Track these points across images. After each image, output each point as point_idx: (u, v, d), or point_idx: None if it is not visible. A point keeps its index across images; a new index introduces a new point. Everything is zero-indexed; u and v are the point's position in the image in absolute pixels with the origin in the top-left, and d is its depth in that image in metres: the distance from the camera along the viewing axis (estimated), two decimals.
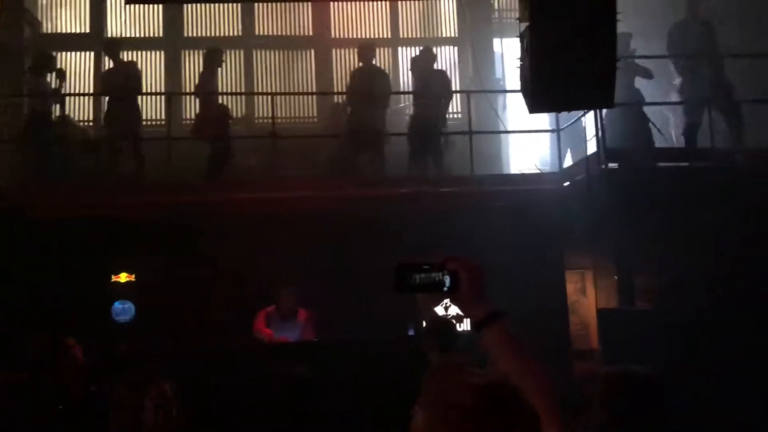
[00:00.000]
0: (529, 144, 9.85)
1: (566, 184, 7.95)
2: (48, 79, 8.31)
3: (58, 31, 9.95)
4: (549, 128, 8.53)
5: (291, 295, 6.31)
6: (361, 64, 8.59)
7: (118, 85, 8.09)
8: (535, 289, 7.24)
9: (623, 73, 6.01)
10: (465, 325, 6.92)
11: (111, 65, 8.48)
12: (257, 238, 6.97)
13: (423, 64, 8.53)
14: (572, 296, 8.15)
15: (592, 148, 7.60)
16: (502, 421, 1.43)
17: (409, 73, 9.19)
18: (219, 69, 8.55)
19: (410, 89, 9.47)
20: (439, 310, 6.38)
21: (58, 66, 8.63)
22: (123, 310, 7.39)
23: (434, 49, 8.80)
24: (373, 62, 8.75)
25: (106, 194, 7.50)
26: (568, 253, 7.88)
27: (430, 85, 8.44)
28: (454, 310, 6.94)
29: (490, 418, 1.43)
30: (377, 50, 10.09)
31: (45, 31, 9.87)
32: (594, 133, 7.29)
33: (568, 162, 8.47)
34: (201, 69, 8.66)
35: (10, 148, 8.40)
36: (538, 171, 8.49)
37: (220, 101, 8.66)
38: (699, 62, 7.66)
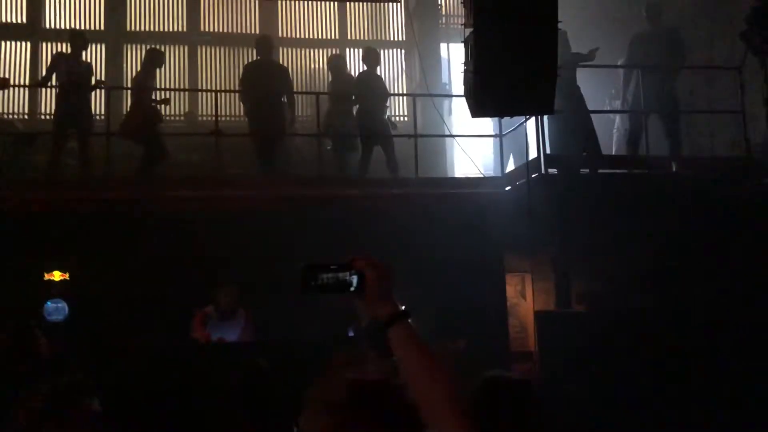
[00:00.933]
0: (474, 148, 9.98)
1: (508, 188, 8.08)
2: None
3: None
4: (492, 133, 8.65)
5: (231, 294, 6.20)
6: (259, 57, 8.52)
7: (75, 76, 7.80)
8: (477, 290, 7.34)
9: (564, 71, 6.14)
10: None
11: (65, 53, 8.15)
12: (195, 236, 6.85)
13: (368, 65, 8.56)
14: (512, 299, 8.28)
15: (535, 153, 7.76)
16: (371, 416, 1.43)
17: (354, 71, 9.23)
18: (158, 70, 8.33)
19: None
20: None
21: None
22: (56, 309, 7.18)
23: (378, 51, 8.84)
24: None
25: (41, 189, 7.26)
26: (508, 256, 8.00)
27: (372, 86, 8.47)
28: None
29: (358, 413, 1.43)
30: (326, 50, 10.14)
31: None
32: (536, 138, 7.42)
33: (510, 167, 8.62)
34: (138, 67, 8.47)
35: None
36: (481, 175, 8.60)
37: (161, 96, 8.45)
38: (652, 73, 7.86)
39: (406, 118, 9.41)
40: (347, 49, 10.35)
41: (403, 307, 1.58)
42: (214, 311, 6.19)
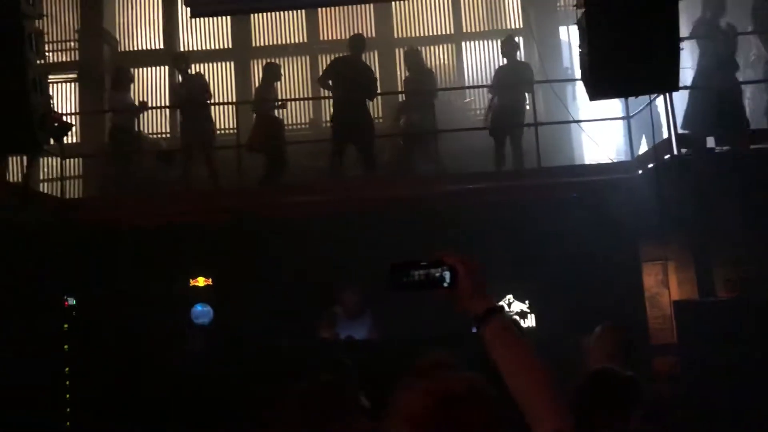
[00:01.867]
0: (603, 133, 9.55)
1: (639, 172, 7.65)
2: (129, 94, 8.74)
3: (134, 48, 10.42)
4: (619, 116, 8.23)
5: (355, 294, 6.35)
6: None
7: (187, 98, 8.37)
8: (611, 282, 7.03)
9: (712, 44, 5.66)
10: (529, 322, 6.81)
11: (180, 79, 8.79)
12: (320, 239, 7.05)
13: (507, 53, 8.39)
14: (652, 289, 7.83)
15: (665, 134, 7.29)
16: (454, 428, 1.39)
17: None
18: (277, 83, 8.68)
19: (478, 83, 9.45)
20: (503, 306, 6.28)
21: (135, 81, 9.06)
22: (202, 312, 7.66)
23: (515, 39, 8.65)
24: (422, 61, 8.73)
25: (181, 202, 7.79)
26: (645, 244, 7.58)
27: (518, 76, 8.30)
28: (517, 306, 6.83)
29: (440, 425, 1.39)
30: (441, 46, 10.11)
31: (122, 49, 10.35)
32: (666, 117, 6.97)
33: (644, 150, 8.16)
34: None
35: (92, 162, 8.87)
36: (610, 160, 8.20)
37: (282, 109, 8.81)
38: None
39: (529, 107, 9.15)
40: (463, 43, 10.26)
41: (524, 307, 1.54)
42: (342, 311, 6.36)
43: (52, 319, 7.00)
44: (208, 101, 8.59)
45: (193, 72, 8.75)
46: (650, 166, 7.28)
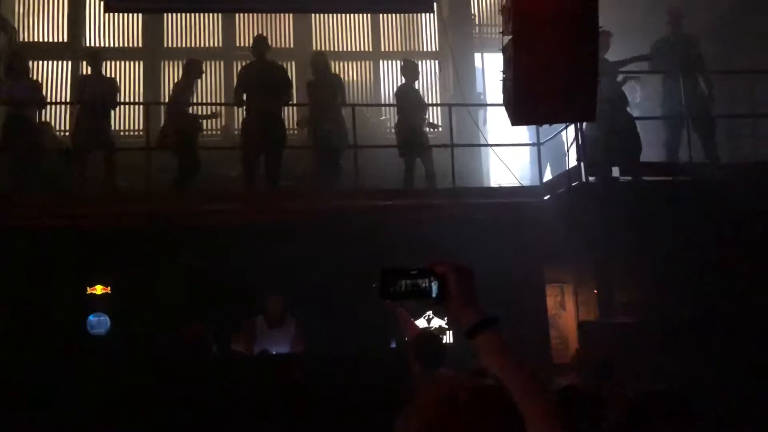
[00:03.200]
0: (510, 158, 9.89)
1: (546, 197, 7.97)
2: (26, 82, 8.17)
3: (36, 40, 9.81)
4: (529, 142, 8.56)
5: (278, 302, 6.21)
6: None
7: (95, 95, 7.96)
8: (516, 302, 7.24)
9: (605, 78, 6.04)
10: (449, 338, 6.90)
11: (89, 73, 8.34)
12: (238, 248, 6.89)
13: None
14: (552, 310, 8.15)
15: (573, 162, 7.64)
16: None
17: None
18: (197, 81, 8.44)
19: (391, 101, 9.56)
20: (421, 322, 6.35)
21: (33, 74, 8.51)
22: (98, 323, 7.27)
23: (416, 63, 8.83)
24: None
25: (80, 204, 7.37)
26: (548, 267, 7.89)
27: (411, 97, 8.46)
28: (436, 322, 6.93)
29: (447, 427, 1.39)
30: (359, 62, 10.18)
31: (22, 40, 9.72)
32: (576, 146, 7.32)
33: (548, 176, 8.51)
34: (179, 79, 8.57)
35: None
36: (519, 185, 8.50)
37: (196, 112, 8.55)
38: (677, 76, 7.73)
39: (440, 129, 9.35)
40: (381, 61, 10.36)
41: (443, 323, 1.54)
42: (263, 320, 6.21)
43: None
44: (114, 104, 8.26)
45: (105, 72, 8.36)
46: (559, 191, 7.59)
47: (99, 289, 7.44)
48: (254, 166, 7.91)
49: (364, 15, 10.29)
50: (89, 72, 8.31)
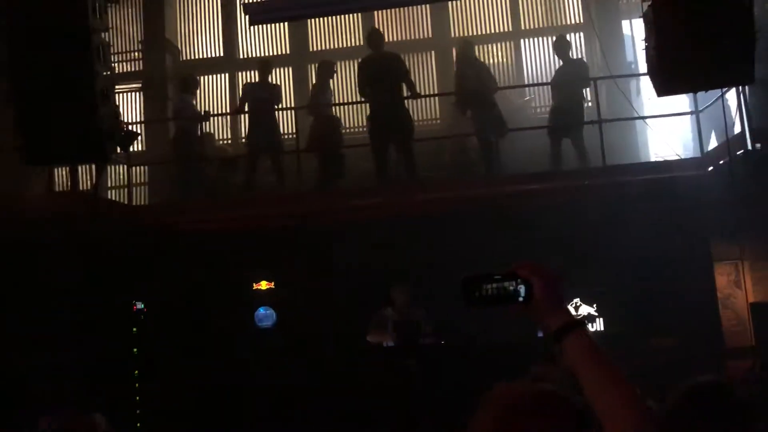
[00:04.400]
0: (669, 129, 9.24)
1: (710, 169, 7.36)
2: (194, 100, 8.92)
3: (196, 56, 10.64)
4: (687, 110, 7.94)
5: (404, 293, 6.24)
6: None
7: (262, 101, 8.44)
8: (681, 283, 6.80)
9: None
10: (597, 326, 6.62)
11: (255, 81, 8.86)
12: (386, 241, 7.04)
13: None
14: (725, 290, 7.54)
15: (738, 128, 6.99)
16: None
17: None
18: (331, 81, 8.69)
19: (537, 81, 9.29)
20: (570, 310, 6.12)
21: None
22: (266, 316, 7.76)
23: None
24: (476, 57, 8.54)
25: (246, 207, 7.91)
26: (716, 243, 7.30)
27: (568, 74, 8.12)
28: (584, 309, 6.65)
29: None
30: (499, 44, 9.98)
31: (184, 58, 10.59)
32: (738, 111, 6.68)
33: (713, 145, 7.85)
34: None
35: (157, 168, 9.09)
36: (678, 157, 7.90)
37: (335, 112, 8.81)
38: None
39: (589, 104, 8.92)
40: (522, 40, 10.08)
41: (592, 310, 1.49)
42: (392, 312, 6.28)
43: (122, 323, 7.21)
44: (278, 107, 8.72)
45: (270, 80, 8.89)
46: (722, 162, 6.98)
47: (264, 285, 7.94)
48: (384, 158, 7.98)
49: None
50: (256, 79, 8.81)
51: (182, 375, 6.91)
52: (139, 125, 9.43)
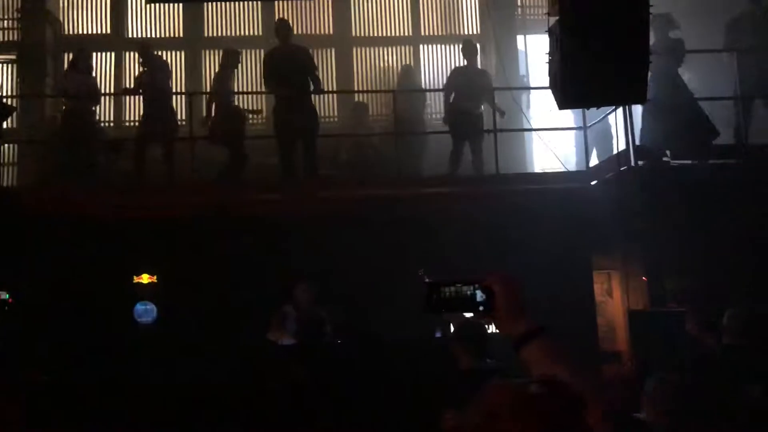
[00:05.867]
0: (555, 143, 9.69)
1: (593, 182, 7.78)
2: (88, 78, 8.30)
3: (80, 32, 9.94)
4: (575, 125, 8.35)
5: (308, 291, 6.10)
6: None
7: (151, 85, 8.03)
8: (563, 290, 7.10)
9: (660, 62, 5.80)
10: (490, 328, 6.79)
11: (142, 65, 8.43)
12: (279, 237, 6.89)
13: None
14: (598, 297, 8.00)
15: (620, 145, 7.43)
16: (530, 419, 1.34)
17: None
18: (235, 70, 8.44)
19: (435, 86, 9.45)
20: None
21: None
22: (145, 311, 7.36)
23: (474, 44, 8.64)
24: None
25: (130, 195, 7.46)
26: (595, 253, 7.72)
27: (469, 77, 8.26)
28: (469, 314, 6.80)
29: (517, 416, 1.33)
30: (399, 47, 10.06)
31: (66, 32, 9.86)
32: (624, 129, 7.09)
33: (594, 161, 8.30)
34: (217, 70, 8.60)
35: (28, 148, 8.40)
36: (565, 170, 8.30)
37: (236, 102, 8.56)
38: (754, 56, 7.36)
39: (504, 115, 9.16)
40: (421, 46, 10.22)
41: None
42: (292, 310, 6.12)
43: None
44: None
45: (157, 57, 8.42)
46: (608, 176, 7.39)
47: (146, 279, 7.53)
48: (289, 154, 7.83)
49: None
50: (141, 62, 8.39)
51: (41, 369, 6.39)
52: (13, 100, 8.66)
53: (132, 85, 8.63)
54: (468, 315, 1.61)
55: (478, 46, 8.69)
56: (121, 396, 5.93)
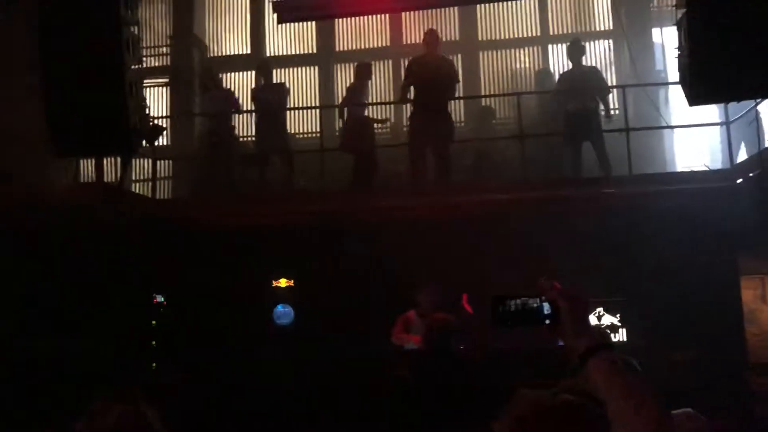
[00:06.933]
0: (698, 139, 9.12)
1: (739, 181, 7.23)
2: (221, 98, 8.98)
3: (223, 53, 10.70)
4: (717, 121, 7.82)
5: (432, 294, 6.14)
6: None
7: (269, 102, 8.52)
8: (706, 296, 6.68)
9: None
10: (620, 336, 6.52)
11: (260, 83, 8.97)
12: (407, 243, 7.01)
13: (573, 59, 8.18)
14: (750, 304, 7.41)
15: None
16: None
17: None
18: (369, 82, 8.71)
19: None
20: (592, 319, 6.04)
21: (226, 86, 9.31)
22: (284, 313, 7.75)
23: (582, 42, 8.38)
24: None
25: (267, 205, 7.92)
26: (743, 256, 7.17)
27: (575, 79, 8.04)
28: (608, 319, 6.57)
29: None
30: (527, 49, 9.90)
31: (211, 54, 10.65)
32: None
33: (742, 157, 7.72)
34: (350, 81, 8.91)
35: (182, 163, 9.15)
36: (706, 168, 7.78)
37: (367, 113, 8.84)
38: None
39: (617, 112, 8.82)
40: (549, 46, 10.00)
41: (615, 320, 1.47)
42: (416, 315, 6.18)
43: (142, 315, 7.25)
44: (287, 109, 8.82)
45: (275, 80, 8.95)
46: (752, 174, 6.86)
47: (283, 283, 7.94)
48: (422, 161, 7.95)
49: None
50: (261, 82, 8.95)
51: (200, 370, 6.92)
52: (164, 120, 9.49)
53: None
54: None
55: (585, 45, 8.38)
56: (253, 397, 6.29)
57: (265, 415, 6.56)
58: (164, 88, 10.29)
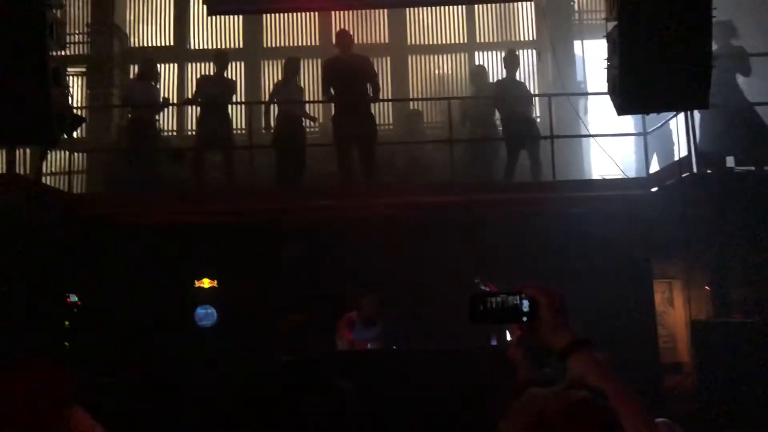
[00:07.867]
0: (612, 149, 9.51)
1: (654, 189, 7.61)
2: (153, 89, 8.62)
3: (145, 44, 10.30)
4: (635, 131, 8.20)
5: (373, 301, 6.19)
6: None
7: (212, 95, 8.27)
8: (622, 299, 6.98)
9: (720, 69, 5.67)
10: None
11: (209, 74, 8.71)
12: (337, 243, 6.97)
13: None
14: (659, 307, 7.81)
15: (681, 152, 7.26)
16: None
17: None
18: (297, 78, 8.62)
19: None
20: None
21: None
22: (206, 315, 7.53)
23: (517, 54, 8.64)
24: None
25: (192, 202, 7.68)
26: (655, 261, 7.55)
27: (509, 89, 8.28)
28: None
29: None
30: (454, 55, 10.07)
31: (132, 45, 10.23)
32: (685, 135, 6.93)
33: (654, 167, 8.12)
34: (278, 78, 8.78)
35: (97, 157, 8.73)
36: (624, 176, 8.15)
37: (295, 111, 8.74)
38: None
39: (539, 120, 9.11)
40: (475, 53, 10.20)
41: None
42: (357, 317, 6.23)
43: (54, 315, 6.87)
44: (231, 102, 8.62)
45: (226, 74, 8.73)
46: (668, 183, 7.23)
47: (207, 283, 7.71)
48: (347, 161, 7.94)
49: (460, 6, 10.14)
50: (211, 73, 8.66)
51: (110, 371, 6.61)
52: (82, 110, 9.03)
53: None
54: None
55: (520, 57, 8.67)
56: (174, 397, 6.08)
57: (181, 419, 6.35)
58: (80, 78, 9.80)
